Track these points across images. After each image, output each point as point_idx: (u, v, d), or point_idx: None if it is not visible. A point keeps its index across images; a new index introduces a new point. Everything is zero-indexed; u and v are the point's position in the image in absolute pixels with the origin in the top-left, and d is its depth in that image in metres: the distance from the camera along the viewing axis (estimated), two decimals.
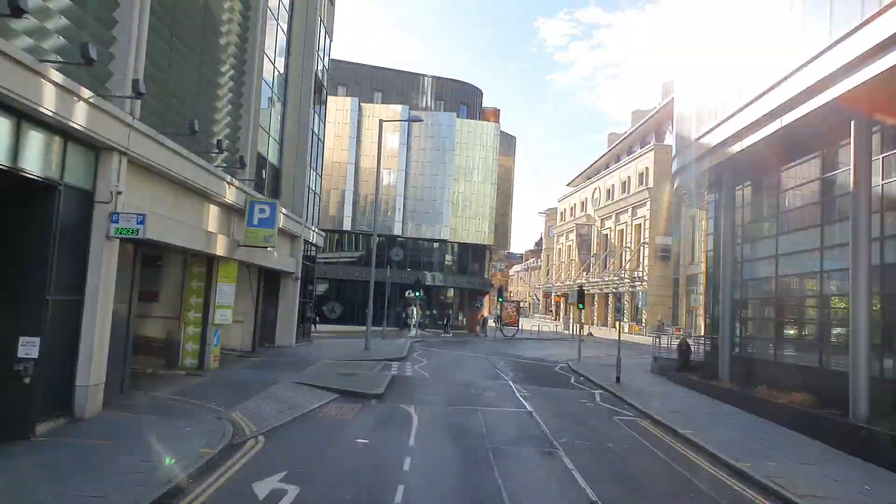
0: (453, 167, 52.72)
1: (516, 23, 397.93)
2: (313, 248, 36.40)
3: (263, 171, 27.21)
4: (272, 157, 28.50)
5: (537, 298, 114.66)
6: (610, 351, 42.60)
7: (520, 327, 53.19)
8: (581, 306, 35.19)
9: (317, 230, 35.56)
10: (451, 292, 55.93)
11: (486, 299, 61.16)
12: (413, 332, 48.33)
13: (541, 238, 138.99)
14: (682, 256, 63.25)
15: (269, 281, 30.19)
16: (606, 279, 73.86)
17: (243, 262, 25.35)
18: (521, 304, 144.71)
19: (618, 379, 25.69)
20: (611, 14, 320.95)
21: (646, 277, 66.59)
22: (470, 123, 54.34)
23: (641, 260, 68.21)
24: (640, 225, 69.75)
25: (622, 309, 72.46)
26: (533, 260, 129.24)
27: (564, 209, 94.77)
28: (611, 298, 75.88)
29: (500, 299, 49.01)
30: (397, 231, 51.73)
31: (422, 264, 53.99)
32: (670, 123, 68.71)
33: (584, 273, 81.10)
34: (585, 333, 58.69)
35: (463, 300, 56.38)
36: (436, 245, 54.29)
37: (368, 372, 24.23)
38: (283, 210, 28.08)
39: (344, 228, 51.25)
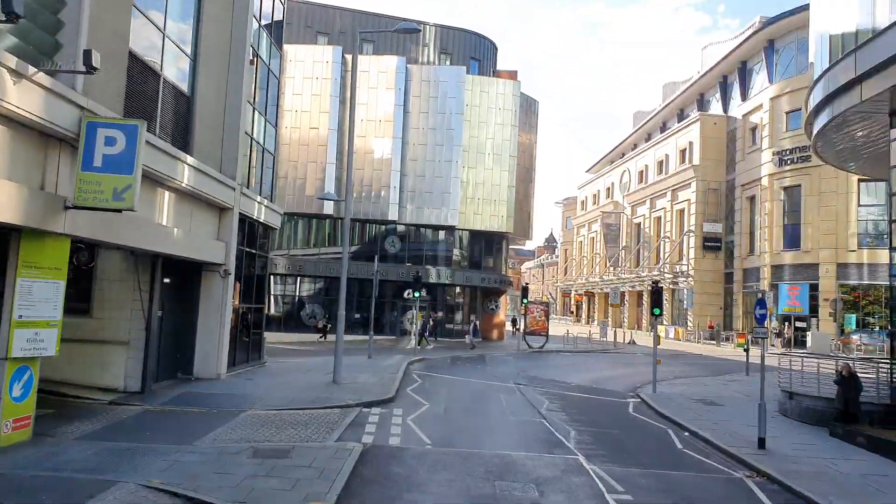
0: (462, 135, 41.52)
1: None
2: (266, 231, 25.21)
3: (161, 94, 16.04)
4: (173, 71, 17.27)
5: (553, 297, 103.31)
6: (678, 368, 31.46)
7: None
8: (657, 312, 24.07)
9: (268, 204, 24.37)
10: (459, 292, 44.73)
11: (502, 300, 49.96)
12: (413, 342, 37.20)
13: (551, 234, 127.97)
14: (739, 247, 51.80)
15: (182, 278, 19.07)
16: (642, 275, 62.52)
17: (99, 242, 14.18)
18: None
19: (761, 443, 14.45)
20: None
21: (692, 272, 55.28)
22: (483, 81, 43.04)
23: (685, 251, 56.87)
24: (682, 210, 58.41)
25: (661, 309, 60.88)
26: (546, 256, 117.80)
27: (585, 197, 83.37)
28: (646, 297, 64.53)
29: (525, 301, 37.71)
30: (393, 216, 40.50)
31: (424, 258, 42.85)
32: (716, 90, 57.30)
33: (612, 268, 69.73)
34: (627, 341, 47.33)
35: (474, 301, 45.20)
36: (441, 234, 43.16)
37: (319, 444, 12.94)
38: (191, 160, 16.91)
39: (326, 213, 40.09)
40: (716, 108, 58.01)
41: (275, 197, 26.88)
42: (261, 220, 23.53)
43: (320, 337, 38.62)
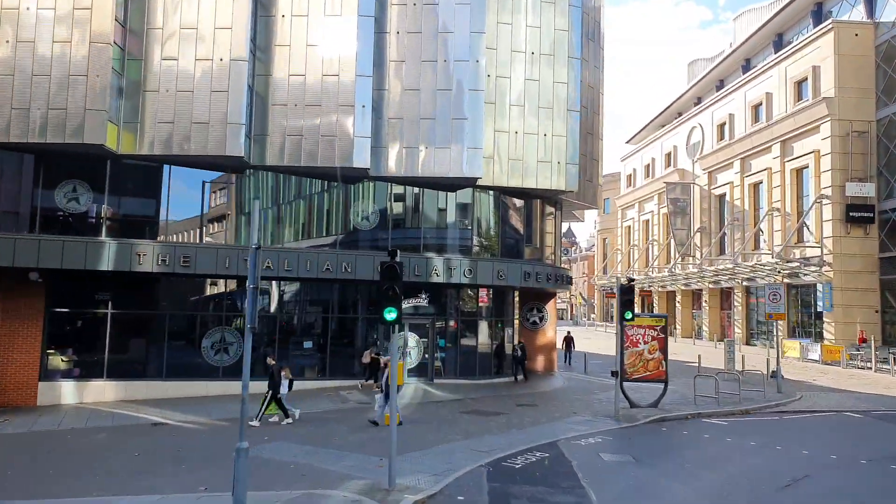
0: (485, 13, 22.13)
1: None
2: None
3: None
4: None
5: (585, 299, 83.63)
6: None
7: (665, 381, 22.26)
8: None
9: None
10: (483, 297, 25.27)
11: (550, 307, 30.47)
12: (400, 395, 18.17)
13: (569, 227, 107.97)
14: None
15: None
16: (730, 266, 42.83)
17: None
18: (559, 307, 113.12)
19: None
20: None
21: (827, 258, 35.55)
22: None
23: (812, 228, 37.14)
24: (801, 169, 38.67)
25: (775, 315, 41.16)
26: (574, 250, 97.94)
27: (633, 170, 63.62)
28: (739, 296, 44.80)
29: (630, 317, 17.58)
30: (360, 162, 20.79)
31: (424, 241, 23.55)
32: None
33: (682, 259, 50.00)
34: (770, 371, 27.42)
35: (505, 308, 25.84)
36: (452, 199, 23.81)
37: None
38: None
39: (231, 154, 20.43)
40: (858, 12, 38.27)
41: None
42: None
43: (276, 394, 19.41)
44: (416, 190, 23.53)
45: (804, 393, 22.06)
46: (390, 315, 11.01)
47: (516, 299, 27.13)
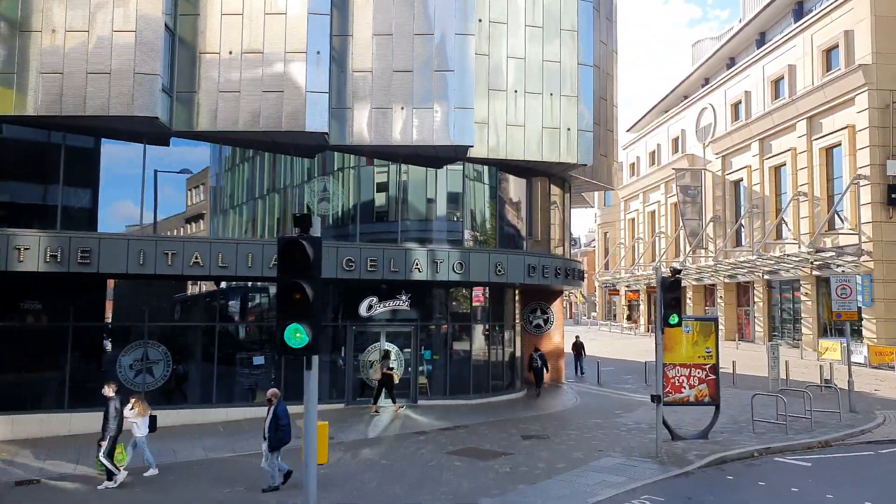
0: None
1: None
2: None
3: None
4: None
5: (586, 297, 78.91)
6: None
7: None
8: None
9: None
10: (478, 296, 20.43)
11: (555, 307, 25.70)
12: (385, 409, 13.51)
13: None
14: None
15: None
16: (750, 259, 38.12)
17: None
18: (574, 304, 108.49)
19: None
20: None
21: (867, 246, 30.91)
22: None
23: (848, 213, 32.48)
24: (830, 148, 33.99)
25: (845, 314, 36.54)
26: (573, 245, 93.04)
27: (637, 158, 58.91)
28: (760, 291, 40.11)
29: (676, 321, 12.70)
30: (316, 124, 15.94)
31: (402, 229, 18.73)
32: None
33: (694, 251, 45.28)
34: (823, 380, 22.55)
35: (503, 308, 21.02)
36: (436, 178, 19.01)
37: None
38: None
39: (142, 115, 15.56)
40: None
41: None
42: None
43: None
44: (392, 164, 18.67)
45: (884, 412, 17.30)
46: (296, 339, 6.22)
47: (517, 299, 22.30)
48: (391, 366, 18.41)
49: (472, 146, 17.19)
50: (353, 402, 18.56)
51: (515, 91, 18.34)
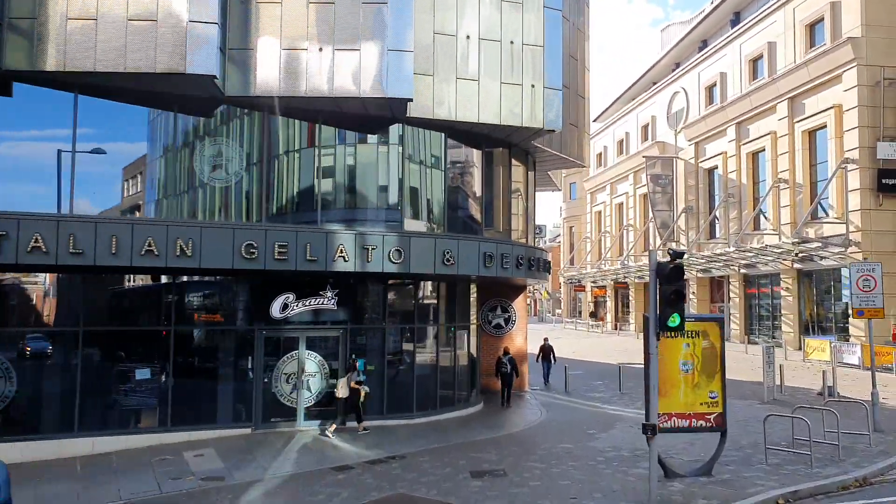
0: None
1: None
2: None
3: None
4: None
5: (550, 293, 75.95)
6: None
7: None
8: None
9: None
10: (429, 292, 16.79)
11: (519, 304, 22.16)
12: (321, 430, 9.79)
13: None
14: None
15: None
16: (727, 251, 35.22)
17: None
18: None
19: None
20: None
21: (854, 235, 28.19)
22: None
23: (834, 200, 29.73)
24: (815, 131, 31.22)
25: (868, 312, 33.71)
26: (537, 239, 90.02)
27: (604, 148, 55.88)
28: (736, 286, 37.24)
29: (677, 322, 9.28)
30: (204, 65, 12.15)
31: (324, 208, 14.93)
32: None
33: (665, 244, 42.28)
34: (822, 389, 19.28)
35: (455, 307, 17.40)
36: (373, 144, 15.26)
37: None
38: None
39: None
40: None
41: None
42: None
43: None
44: (308, 125, 14.84)
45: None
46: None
47: (473, 295, 18.62)
48: (360, 378, 14.74)
49: (410, 100, 13.48)
50: (263, 425, 14.69)
51: (468, 37, 14.66)
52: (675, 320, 9.25)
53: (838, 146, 29.08)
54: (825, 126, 29.98)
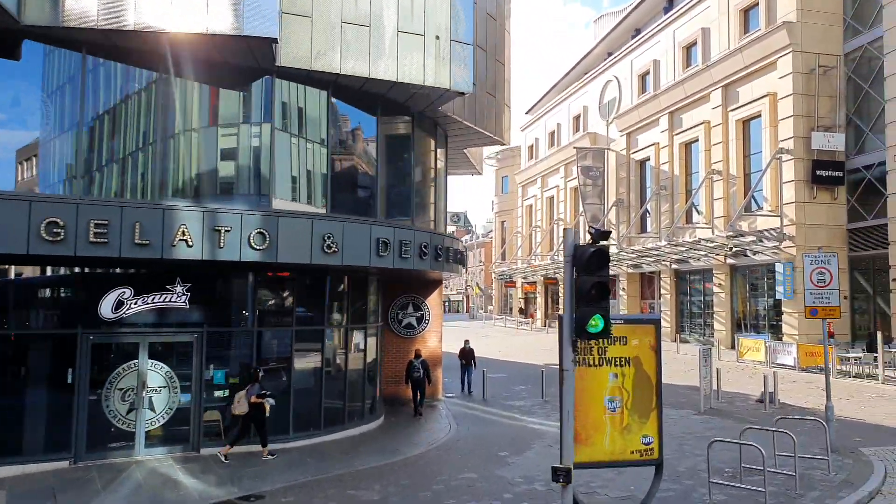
0: None
1: None
2: None
3: None
4: None
5: (483, 289, 74.00)
6: None
7: None
8: None
9: None
10: (305, 287, 13.91)
11: (433, 301, 19.46)
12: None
13: (465, 215, 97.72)
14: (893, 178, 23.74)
15: None
16: (658, 245, 33.64)
17: None
18: (453, 300, 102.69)
19: None
20: None
21: (789, 229, 26.94)
22: None
23: (767, 193, 28.42)
24: (749, 120, 29.88)
25: (823, 310, 32.24)
26: (468, 237, 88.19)
27: (535, 140, 53.98)
28: (668, 282, 35.73)
29: (601, 327, 6.98)
30: None
31: (163, 176, 11.79)
32: None
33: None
34: (762, 396, 17.26)
35: (349, 306, 14.59)
36: (235, 100, 12.22)
37: None
38: None
39: None
40: None
41: None
42: None
43: None
44: (146, 72, 11.67)
45: (874, 451, 12.13)
46: None
47: (373, 289, 15.76)
48: (263, 391, 11.74)
49: (275, 41, 10.53)
50: (88, 455, 11.44)
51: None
52: (596, 324, 6.70)
53: (773, 136, 27.74)
54: (759, 115, 28.62)
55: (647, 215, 37.23)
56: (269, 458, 11.98)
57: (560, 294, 48.38)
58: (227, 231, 10.93)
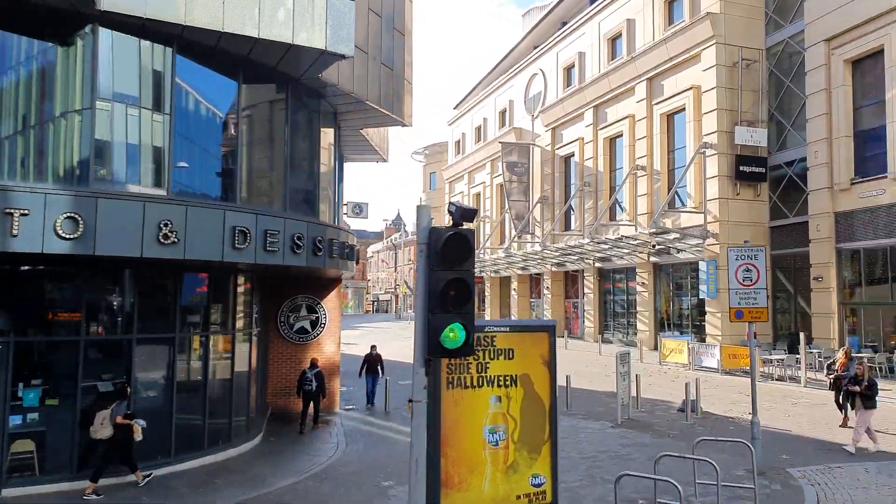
0: None
1: None
2: None
3: None
4: None
5: (410, 287, 72.04)
6: None
7: None
8: None
9: None
10: (160, 281, 11.55)
11: (330, 303, 17.29)
12: None
13: (398, 214, 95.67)
14: (815, 174, 23.18)
15: None
16: (581, 243, 32.44)
17: None
18: (382, 299, 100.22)
19: None
20: None
21: (712, 226, 26.17)
22: None
23: (691, 190, 27.61)
24: (673, 114, 29.02)
25: (749, 313, 31.21)
26: (398, 235, 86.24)
27: (462, 136, 52.36)
28: (591, 280, 34.64)
29: (462, 340, 5.27)
30: None
31: None
32: None
33: (520, 236, 39.19)
34: (683, 403, 15.88)
35: (219, 307, 12.31)
36: (60, 58, 9.78)
37: None
38: None
39: None
40: None
41: None
42: None
43: None
44: None
45: (804, 473, 10.78)
46: None
47: (242, 288, 13.48)
48: (129, 411, 9.30)
49: None
50: None
51: None
52: (455, 336, 4.80)
53: (697, 130, 26.91)
54: (684, 109, 27.75)
55: (572, 212, 36.12)
56: (147, 481, 9.89)
57: (486, 293, 46.92)
58: (24, 215, 8.49)
